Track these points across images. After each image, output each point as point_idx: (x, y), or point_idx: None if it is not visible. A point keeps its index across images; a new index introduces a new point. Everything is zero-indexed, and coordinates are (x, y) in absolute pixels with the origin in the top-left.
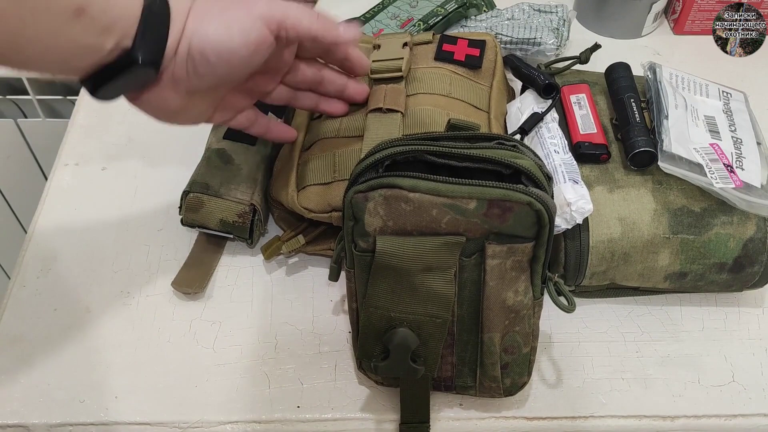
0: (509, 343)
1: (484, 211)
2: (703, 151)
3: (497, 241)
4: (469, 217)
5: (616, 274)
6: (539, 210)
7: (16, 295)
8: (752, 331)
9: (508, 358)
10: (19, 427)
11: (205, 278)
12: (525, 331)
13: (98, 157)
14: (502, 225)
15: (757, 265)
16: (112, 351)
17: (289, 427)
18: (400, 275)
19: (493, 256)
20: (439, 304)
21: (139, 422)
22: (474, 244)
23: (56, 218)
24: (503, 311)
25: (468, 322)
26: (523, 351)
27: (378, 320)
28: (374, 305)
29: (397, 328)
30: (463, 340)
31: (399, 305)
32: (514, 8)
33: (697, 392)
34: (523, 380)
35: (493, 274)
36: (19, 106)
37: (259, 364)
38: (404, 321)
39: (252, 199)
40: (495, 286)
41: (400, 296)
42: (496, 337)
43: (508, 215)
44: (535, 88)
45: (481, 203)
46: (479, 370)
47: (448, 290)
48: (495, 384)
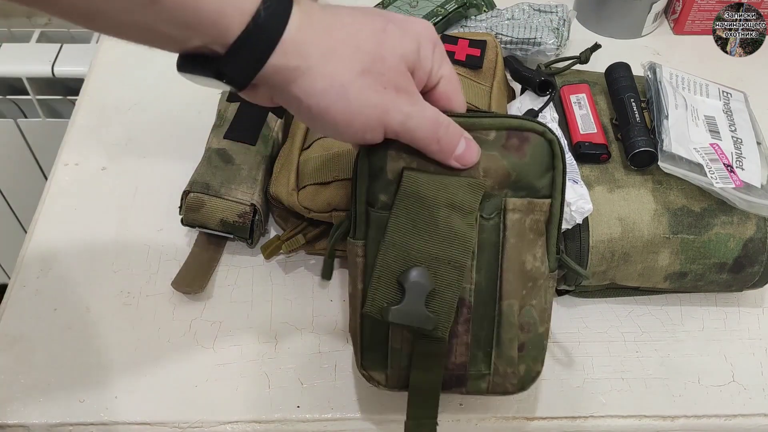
0: (525, 319)
1: (503, 141)
2: (703, 151)
3: (515, 194)
4: (489, 149)
5: (616, 274)
6: (552, 141)
7: (16, 295)
8: (752, 331)
9: (524, 336)
10: (19, 427)
11: (205, 278)
12: (541, 306)
13: (98, 157)
14: (520, 161)
15: (757, 265)
16: (112, 351)
17: (289, 427)
18: (424, 207)
19: (514, 209)
20: (459, 247)
21: (139, 422)
22: (493, 201)
23: (56, 218)
24: (522, 276)
25: (486, 291)
26: (539, 330)
27: (395, 259)
28: (394, 241)
29: (414, 267)
30: (479, 314)
31: (419, 242)
32: (514, 8)
33: (697, 392)
34: (537, 368)
35: (513, 231)
36: (19, 106)
37: (259, 364)
38: (422, 261)
39: (252, 199)
40: (515, 245)
41: (421, 232)
42: (515, 306)
43: (525, 147)
44: (532, 86)
45: (500, 134)
46: (495, 352)
47: (469, 232)
48: (511, 369)
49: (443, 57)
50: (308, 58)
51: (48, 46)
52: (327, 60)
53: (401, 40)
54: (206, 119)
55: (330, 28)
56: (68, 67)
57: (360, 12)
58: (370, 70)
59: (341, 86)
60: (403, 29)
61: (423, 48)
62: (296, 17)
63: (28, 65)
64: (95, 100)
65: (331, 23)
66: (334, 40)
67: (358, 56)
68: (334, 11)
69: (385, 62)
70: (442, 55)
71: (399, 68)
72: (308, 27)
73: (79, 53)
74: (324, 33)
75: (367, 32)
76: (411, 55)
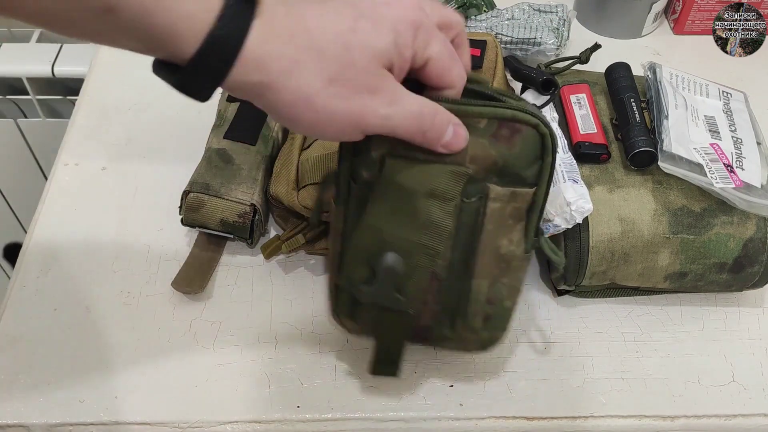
0: (494, 294)
1: (494, 131)
2: (703, 151)
3: (500, 182)
4: (478, 137)
5: (616, 274)
6: (545, 134)
7: (16, 295)
8: (752, 331)
9: (490, 309)
10: (19, 427)
11: (205, 278)
12: (511, 284)
13: (98, 157)
14: (508, 152)
15: (757, 265)
16: (112, 351)
17: (289, 427)
18: (404, 195)
19: (496, 198)
20: (435, 235)
21: (139, 422)
22: (476, 186)
23: (56, 218)
24: (496, 258)
25: (458, 268)
26: (506, 304)
27: (370, 241)
28: (371, 225)
29: (387, 252)
30: (449, 286)
31: (396, 228)
32: (514, 8)
33: (697, 392)
34: (499, 335)
35: (492, 218)
36: (19, 106)
37: (259, 364)
38: (396, 246)
39: (252, 199)
40: (492, 231)
41: (400, 218)
42: (484, 284)
43: (516, 138)
44: (534, 86)
45: (491, 123)
46: (460, 320)
47: (446, 222)
48: (473, 335)
49: (430, 36)
50: (270, 72)
51: (48, 46)
52: (290, 73)
53: (373, 36)
54: (206, 119)
55: (293, 36)
56: (68, 67)
57: (329, 10)
58: (338, 77)
59: (307, 98)
60: (377, 21)
61: (401, 36)
62: (256, 31)
63: (28, 65)
64: (95, 100)
65: (295, 30)
66: (297, 49)
67: (324, 64)
68: (299, 13)
69: (355, 66)
70: (429, 33)
71: (371, 69)
72: (269, 39)
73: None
74: (287, 43)
75: (334, 35)
76: (386, 51)
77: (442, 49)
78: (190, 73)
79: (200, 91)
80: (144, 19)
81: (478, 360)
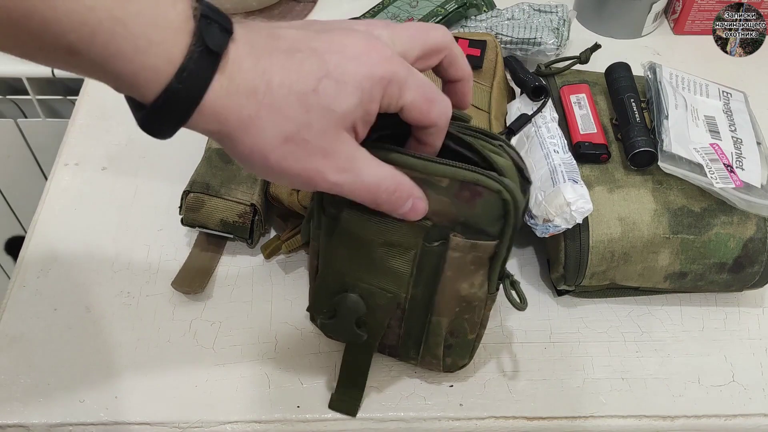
0: (456, 328)
1: (455, 191)
2: (703, 151)
3: (463, 234)
4: (440, 195)
5: (616, 274)
6: (507, 201)
7: (16, 295)
8: (752, 331)
9: (453, 340)
10: (19, 427)
11: (205, 278)
12: (473, 321)
13: (98, 157)
14: (470, 212)
15: (757, 265)
16: (112, 351)
17: (289, 427)
18: (361, 244)
19: (456, 248)
20: (393, 280)
21: (139, 422)
22: (439, 231)
23: (56, 218)
24: (455, 299)
25: (420, 303)
26: (468, 337)
27: (333, 281)
28: (331, 267)
29: (349, 292)
30: (413, 317)
31: (355, 272)
32: (514, 8)
33: (697, 392)
34: (463, 362)
35: (452, 265)
36: (19, 106)
37: (259, 364)
38: (357, 287)
39: (252, 199)
40: (452, 276)
41: (358, 264)
42: (444, 321)
43: (477, 200)
44: (526, 91)
45: (453, 183)
46: (423, 346)
47: (404, 269)
48: (436, 361)
49: (403, 88)
50: (227, 124)
51: None
52: (247, 128)
53: (335, 98)
54: None
55: (254, 92)
56: None
57: (295, 65)
58: (293, 137)
59: (261, 154)
60: (341, 81)
61: (368, 94)
62: (218, 84)
63: (28, 65)
64: (95, 100)
65: (257, 86)
66: (257, 105)
67: (281, 124)
68: (264, 68)
69: (312, 128)
70: (401, 85)
71: (328, 133)
72: (230, 94)
73: None
74: (247, 98)
75: (295, 95)
76: (348, 113)
77: (416, 96)
78: (150, 116)
79: (160, 133)
80: (107, 65)
81: (478, 360)
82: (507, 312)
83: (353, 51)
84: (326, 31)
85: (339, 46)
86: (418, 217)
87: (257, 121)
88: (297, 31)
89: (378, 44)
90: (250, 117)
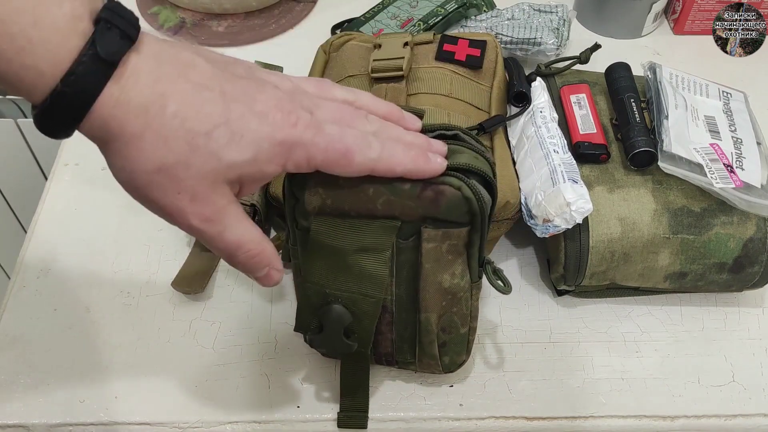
0: (446, 323)
1: (418, 192)
2: (703, 151)
3: (433, 226)
4: (403, 199)
5: (616, 274)
6: (469, 198)
7: (16, 295)
8: (752, 331)
9: (446, 337)
10: (19, 427)
11: (205, 278)
12: (462, 313)
13: (98, 157)
14: (435, 210)
15: (757, 265)
16: (112, 351)
17: (289, 427)
18: (335, 254)
19: (429, 239)
20: (373, 284)
21: (139, 422)
22: (411, 227)
23: (56, 218)
24: (440, 293)
25: (406, 302)
26: (461, 331)
27: (314, 295)
28: (310, 281)
29: (332, 304)
30: (402, 318)
31: (334, 282)
32: (514, 8)
33: (697, 392)
34: (461, 358)
35: (429, 257)
36: (19, 106)
37: (259, 364)
38: (339, 298)
39: (252, 199)
40: (431, 269)
41: (335, 274)
42: (433, 317)
43: (441, 200)
44: (509, 96)
45: (415, 185)
46: (418, 348)
47: (381, 271)
48: (433, 361)
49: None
50: (109, 133)
51: None
52: (126, 144)
53: (227, 147)
54: None
55: (146, 111)
56: None
57: (197, 100)
58: (167, 170)
59: (130, 175)
60: (237, 135)
61: (264, 154)
62: (110, 91)
63: None
64: None
65: (150, 106)
66: (143, 126)
67: (161, 153)
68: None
69: (189, 170)
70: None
71: (206, 179)
72: (120, 104)
73: None
74: (137, 115)
75: (185, 131)
76: (235, 166)
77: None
78: (40, 118)
79: (53, 134)
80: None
81: (478, 360)
82: (507, 312)
83: (261, 108)
84: (244, 78)
85: (248, 99)
86: (270, 285)
87: (138, 142)
88: (214, 68)
89: (288, 106)
90: (132, 135)
